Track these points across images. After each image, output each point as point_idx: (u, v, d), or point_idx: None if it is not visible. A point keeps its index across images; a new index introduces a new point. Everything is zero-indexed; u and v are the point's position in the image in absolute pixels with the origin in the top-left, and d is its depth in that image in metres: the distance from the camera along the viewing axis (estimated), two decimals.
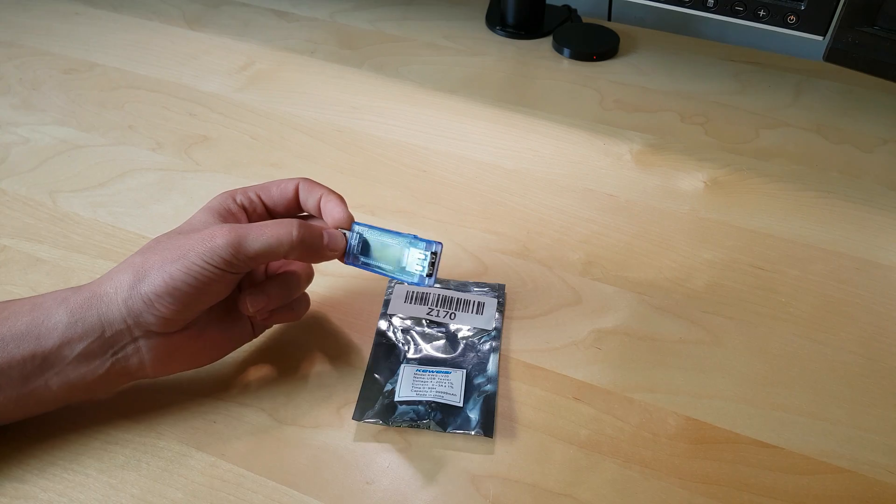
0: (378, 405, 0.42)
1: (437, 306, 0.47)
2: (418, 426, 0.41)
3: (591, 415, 0.42)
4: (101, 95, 0.69)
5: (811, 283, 0.50)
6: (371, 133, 0.64)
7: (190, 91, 0.70)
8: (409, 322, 0.47)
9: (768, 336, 0.47)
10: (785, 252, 0.53)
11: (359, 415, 0.41)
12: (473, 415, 0.41)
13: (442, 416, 0.41)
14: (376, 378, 0.43)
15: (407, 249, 0.40)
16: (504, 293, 0.49)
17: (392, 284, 0.49)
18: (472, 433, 0.40)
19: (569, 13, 0.81)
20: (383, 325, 0.46)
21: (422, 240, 0.40)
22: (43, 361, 0.36)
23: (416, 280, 0.40)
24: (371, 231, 0.41)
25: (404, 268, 0.40)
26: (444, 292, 0.48)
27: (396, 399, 0.42)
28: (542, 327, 0.47)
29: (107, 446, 0.40)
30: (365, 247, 0.41)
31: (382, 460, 0.40)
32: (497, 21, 0.80)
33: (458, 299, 0.48)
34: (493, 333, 0.46)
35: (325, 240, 0.40)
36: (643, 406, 0.43)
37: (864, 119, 0.66)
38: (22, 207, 0.56)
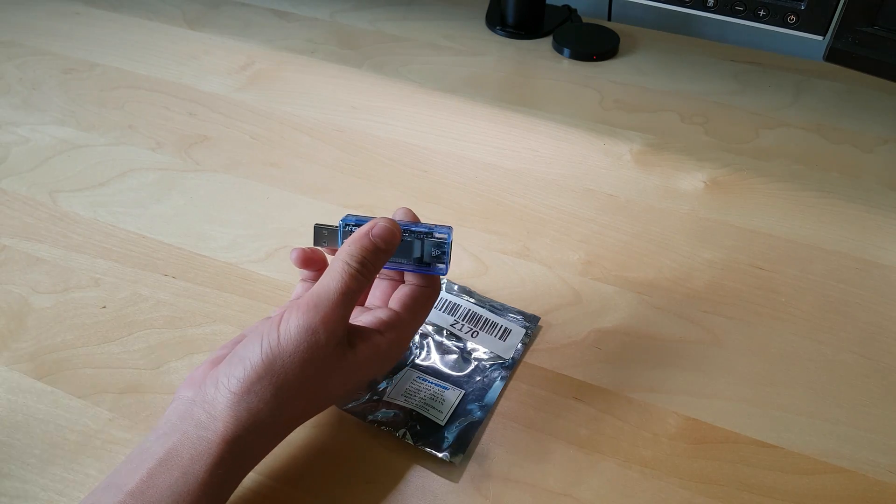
0: (365, 399, 0.42)
1: (463, 320, 0.46)
2: (392, 432, 0.40)
3: (591, 415, 0.42)
4: (101, 95, 0.69)
5: (811, 283, 0.50)
6: (371, 133, 0.64)
7: (190, 91, 0.70)
8: (430, 328, 0.46)
9: (768, 336, 0.47)
10: (785, 252, 0.53)
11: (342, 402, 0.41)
12: (450, 435, 0.40)
13: (419, 429, 0.40)
14: None
15: (417, 240, 0.38)
16: (537, 325, 0.47)
17: None
18: (440, 455, 0.39)
19: (569, 13, 0.81)
20: None
21: (432, 227, 0.38)
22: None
23: (437, 271, 0.38)
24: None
25: (419, 258, 0.38)
26: (475, 308, 0.47)
27: (385, 398, 0.42)
28: (542, 327, 0.47)
29: (107, 446, 0.40)
30: None
31: (382, 459, 0.40)
32: (497, 21, 0.80)
33: (486, 319, 0.46)
34: (507, 363, 0.44)
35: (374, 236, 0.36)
36: (643, 406, 0.43)
37: (864, 119, 0.66)
38: (22, 207, 0.56)
